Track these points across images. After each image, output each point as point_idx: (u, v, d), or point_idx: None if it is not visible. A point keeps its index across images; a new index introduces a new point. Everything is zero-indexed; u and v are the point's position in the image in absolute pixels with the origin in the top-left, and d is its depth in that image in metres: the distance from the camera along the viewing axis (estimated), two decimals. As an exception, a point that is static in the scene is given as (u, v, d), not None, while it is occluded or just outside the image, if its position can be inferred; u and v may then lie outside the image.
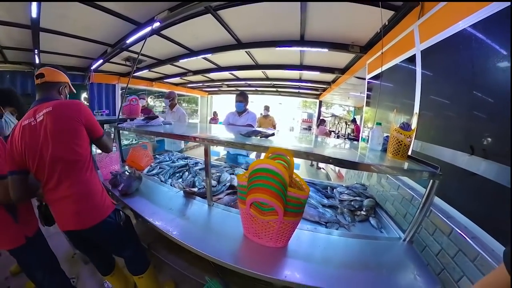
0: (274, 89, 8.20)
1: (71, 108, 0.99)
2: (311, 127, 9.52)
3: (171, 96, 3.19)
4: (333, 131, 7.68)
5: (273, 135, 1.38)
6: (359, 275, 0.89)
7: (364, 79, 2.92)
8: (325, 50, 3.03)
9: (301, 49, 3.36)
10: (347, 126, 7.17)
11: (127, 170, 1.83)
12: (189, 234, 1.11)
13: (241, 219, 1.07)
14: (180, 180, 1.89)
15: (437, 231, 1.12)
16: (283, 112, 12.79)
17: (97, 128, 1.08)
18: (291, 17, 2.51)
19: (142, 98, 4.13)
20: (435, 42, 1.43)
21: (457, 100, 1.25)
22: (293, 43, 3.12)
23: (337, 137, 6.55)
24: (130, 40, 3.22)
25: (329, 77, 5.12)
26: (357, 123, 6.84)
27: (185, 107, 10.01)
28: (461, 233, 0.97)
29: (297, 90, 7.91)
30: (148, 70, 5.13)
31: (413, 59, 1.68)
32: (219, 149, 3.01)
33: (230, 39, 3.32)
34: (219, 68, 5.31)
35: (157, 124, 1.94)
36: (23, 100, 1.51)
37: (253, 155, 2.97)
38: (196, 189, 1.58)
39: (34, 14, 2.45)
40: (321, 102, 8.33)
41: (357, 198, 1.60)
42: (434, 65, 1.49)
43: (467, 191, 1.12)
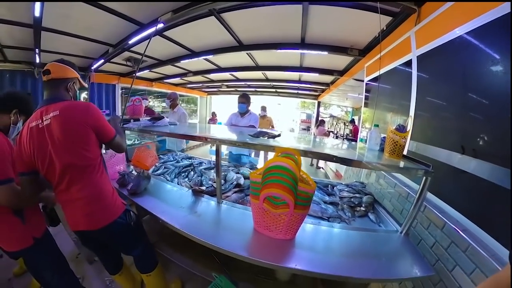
0: (273, 90, 8.28)
1: (79, 112, 0.94)
2: (309, 127, 9.62)
3: (172, 97, 3.28)
4: (332, 131, 7.79)
5: (279, 135, 1.45)
6: (361, 263, 0.97)
7: (362, 81, 3.02)
8: (325, 53, 3.11)
9: (301, 51, 3.43)
10: (346, 126, 7.28)
11: (134, 170, 1.87)
12: (203, 231, 1.15)
13: (253, 214, 1.15)
14: (187, 179, 1.94)
15: (431, 225, 1.21)
16: (281, 112, 12.91)
17: (107, 130, 1.03)
18: (293, 20, 2.57)
19: (145, 99, 4.17)
20: (430, 48, 1.53)
21: (450, 103, 1.35)
22: (294, 45, 3.18)
23: (336, 138, 6.67)
24: (132, 41, 3.24)
25: (328, 78, 5.21)
26: (355, 124, 6.93)
27: (184, 107, 10.00)
28: (453, 226, 1.06)
29: (296, 91, 8.00)
30: (148, 70, 5.15)
31: (409, 64, 1.78)
32: (221, 149, 3.05)
33: (232, 41, 3.37)
34: (220, 69, 5.34)
35: (163, 124, 2.00)
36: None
37: (253, 155, 3.04)
38: (204, 187, 1.63)
39: (37, 13, 2.43)
40: (319, 103, 8.46)
41: (357, 195, 1.66)
42: (429, 69, 1.59)
43: (458, 188, 1.21)
